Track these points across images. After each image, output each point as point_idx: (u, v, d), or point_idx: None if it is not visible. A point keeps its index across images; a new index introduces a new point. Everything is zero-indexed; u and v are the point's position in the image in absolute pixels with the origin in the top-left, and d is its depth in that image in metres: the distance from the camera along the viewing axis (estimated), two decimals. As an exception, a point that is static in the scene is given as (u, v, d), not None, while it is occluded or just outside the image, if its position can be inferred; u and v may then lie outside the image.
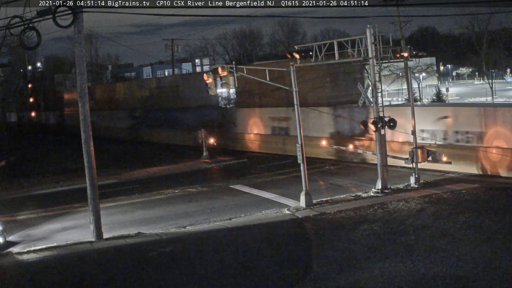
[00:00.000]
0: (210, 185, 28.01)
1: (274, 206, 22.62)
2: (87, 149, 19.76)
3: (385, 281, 13.64)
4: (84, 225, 21.04)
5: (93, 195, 19.81)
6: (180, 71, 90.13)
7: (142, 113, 52.63)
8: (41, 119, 78.89)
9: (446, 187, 23.11)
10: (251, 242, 18.12)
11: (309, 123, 31.41)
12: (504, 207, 19.17)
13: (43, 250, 18.69)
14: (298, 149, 22.39)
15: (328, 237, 17.72)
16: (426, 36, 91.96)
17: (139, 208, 24.40)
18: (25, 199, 27.87)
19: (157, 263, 16.66)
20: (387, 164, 23.90)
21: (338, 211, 20.74)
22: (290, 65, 22.85)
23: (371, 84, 23.23)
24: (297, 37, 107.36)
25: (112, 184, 30.07)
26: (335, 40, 24.37)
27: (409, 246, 16.05)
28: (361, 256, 15.56)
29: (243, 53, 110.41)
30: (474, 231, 16.85)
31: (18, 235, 21.01)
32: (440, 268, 14.11)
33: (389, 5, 51.96)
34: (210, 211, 22.66)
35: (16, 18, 18.52)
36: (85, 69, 19.93)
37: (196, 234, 19.44)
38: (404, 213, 19.57)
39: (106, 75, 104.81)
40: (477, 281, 13.25)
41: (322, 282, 14.05)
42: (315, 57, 24.31)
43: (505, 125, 24.12)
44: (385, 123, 23.31)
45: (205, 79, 24.72)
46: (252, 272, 15.26)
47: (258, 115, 38.28)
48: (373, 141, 26.11)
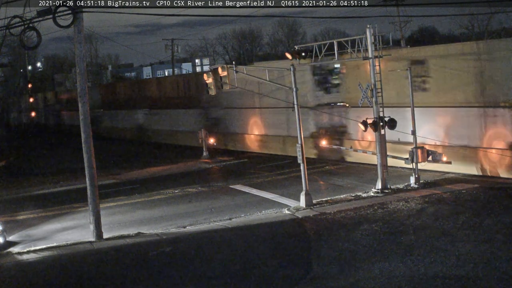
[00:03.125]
0: (210, 185, 28.01)
1: (274, 206, 22.62)
2: (87, 149, 19.76)
3: (385, 281, 13.64)
4: (84, 225, 21.04)
5: (93, 195, 19.81)
6: (180, 71, 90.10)
7: (151, 112, 51.13)
8: (41, 119, 78.89)
9: (446, 187, 23.11)
10: (251, 242, 18.12)
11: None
12: (504, 207, 19.18)
13: (43, 250, 18.70)
14: (298, 149, 22.38)
15: (328, 237, 17.73)
16: (426, 36, 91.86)
17: (139, 208, 24.40)
18: (25, 199, 27.86)
19: (157, 263, 16.67)
20: (387, 164, 23.93)
21: (338, 211, 20.74)
22: (290, 65, 22.87)
23: (371, 84, 23.21)
24: (297, 37, 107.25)
25: (112, 184, 30.07)
26: (335, 40, 24.38)
27: (409, 246, 16.05)
28: (361, 256, 15.57)
29: (243, 53, 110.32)
30: (474, 231, 16.86)
31: (18, 235, 21.01)
32: (440, 268, 14.12)
33: (389, 5, 52.05)
34: (210, 211, 22.66)
35: (16, 18, 18.54)
36: (85, 69, 19.94)
37: (196, 234, 19.44)
38: (404, 213, 19.57)
39: (106, 75, 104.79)
40: (477, 281, 13.25)
41: (322, 282, 14.06)
42: (315, 57, 24.31)
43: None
44: (385, 123, 23.30)
45: (205, 79, 24.72)
46: (252, 272, 15.26)
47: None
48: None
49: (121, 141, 52.61)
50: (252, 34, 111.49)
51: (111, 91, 61.23)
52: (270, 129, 36.68)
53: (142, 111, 52.07)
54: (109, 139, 53.09)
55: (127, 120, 55.37)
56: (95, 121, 59.37)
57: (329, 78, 31.96)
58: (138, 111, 52.78)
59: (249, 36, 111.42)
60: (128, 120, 55.11)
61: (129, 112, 54.47)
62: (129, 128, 54.85)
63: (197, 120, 43.18)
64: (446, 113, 25.93)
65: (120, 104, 56.46)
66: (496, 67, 24.06)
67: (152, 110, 50.45)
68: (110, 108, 58.54)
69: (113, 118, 58.27)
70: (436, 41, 77.20)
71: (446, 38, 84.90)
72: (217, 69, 23.70)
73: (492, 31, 73.02)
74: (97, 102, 59.11)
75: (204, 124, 40.98)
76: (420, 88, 26.42)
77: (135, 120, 53.53)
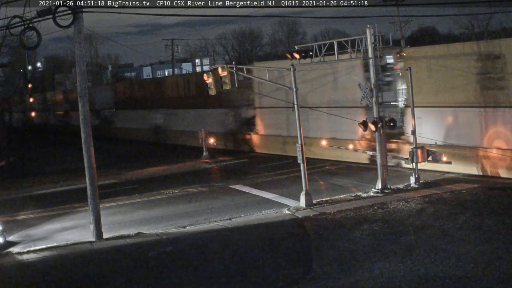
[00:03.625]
0: (210, 185, 28.01)
1: (274, 206, 22.62)
2: (87, 149, 19.76)
3: (385, 281, 13.64)
4: (84, 225, 21.04)
5: (93, 195, 19.81)
6: (180, 71, 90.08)
7: (169, 112, 48.21)
8: (41, 119, 78.89)
9: (446, 187, 23.10)
10: (251, 242, 18.12)
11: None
12: (504, 207, 19.17)
13: (43, 250, 18.70)
14: (298, 149, 22.38)
15: (328, 237, 17.73)
16: (426, 36, 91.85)
17: (139, 208, 24.40)
18: (25, 199, 27.87)
19: (157, 263, 16.67)
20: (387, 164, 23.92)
21: (338, 211, 20.74)
22: (290, 65, 22.86)
23: (371, 84, 23.21)
24: (297, 37, 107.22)
25: (112, 184, 30.07)
26: (335, 40, 24.38)
27: (409, 246, 16.05)
28: (361, 256, 15.57)
29: (243, 53, 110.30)
30: (474, 231, 16.86)
31: (18, 235, 21.01)
32: (440, 268, 14.11)
33: (389, 5, 52.09)
34: (210, 211, 22.66)
35: (16, 18, 18.53)
36: (85, 69, 19.94)
37: (196, 234, 19.43)
38: (404, 213, 19.57)
39: (106, 75, 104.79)
40: (477, 281, 13.26)
41: (322, 282, 14.06)
42: (315, 57, 24.30)
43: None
44: (385, 123, 23.30)
45: (205, 79, 24.74)
46: (252, 272, 15.26)
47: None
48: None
49: (138, 143, 50.28)
50: (252, 34, 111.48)
51: (125, 90, 58.32)
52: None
53: (160, 111, 49.40)
54: (122, 140, 51.63)
55: (143, 121, 52.47)
56: (108, 121, 58.53)
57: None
58: (155, 111, 50.05)
59: (249, 36, 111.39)
60: (144, 121, 52.25)
61: (145, 112, 51.67)
62: (145, 128, 52.09)
63: (223, 120, 41.11)
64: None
65: (136, 103, 53.50)
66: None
67: (170, 110, 47.76)
68: (124, 107, 55.76)
69: (128, 118, 55.31)
70: (436, 41, 77.23)
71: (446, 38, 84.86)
72: (217, 69, 23.75)
73: (492, 31, 73.00)
74: (109, 102, 57.14)
75: (233, 125, 39.44)
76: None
77: (151, 120, 50.80)
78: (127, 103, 55.34)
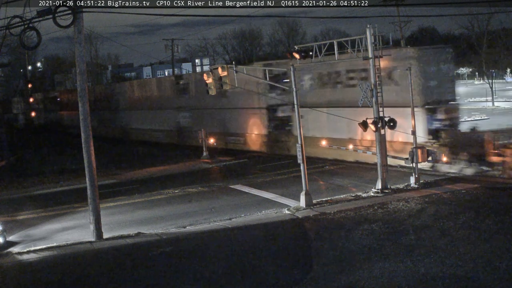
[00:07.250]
0: (210, 185, 28.01)
1: (274, 206, 22.62)
2: (87, 149, 19.76)
3: (385, 281, 13.64)
4: (84, 225, 21.03)
5: (93, 195, 19.81)
6: (180, 71, 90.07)
7: (194, 113, 45.43)
8: (41, 119, 78.84)
9: (446, 187, 23.11)
10: (251, 242, 18.12)
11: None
12: (504, 207, 19.18)
13: (43, 250, 18.69)
14: (298, 149, 22.38)
15: (328, 237, 17.72)
16: (426, 36, 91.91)
17: (139, 208, 24.40)
18: (25, 199, 27.86)
19: (157, 263, 16.67)
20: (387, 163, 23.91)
21: (338, 211, 20.74)
22: (290, 65, 22.86)
23: (371, 84, 23.20)
24: (297, 37, 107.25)
25: (112, 184, 30.07)
26: (335, 40, 24.39)
27: (409, 246, 16.06)
28: (361, 256, 15.56)
29: (243, 53, 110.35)
30: (474, 231, 16.86)
31: (18, 235, 21.01)
32: (440, 268, 14.11)
33: (389, 5, 52.04)
34: (210, 211, 22.66)
35: (16, 18, 18.53)
36: (85, 69, 19.93)
37: (196, 234, 19.43)
38: (404, 213, 19.57)
39: (106, 75, 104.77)
40: (477, 281, 13.26)
41: (322, 282, 14.06)
42: (315, 57, 24.29)
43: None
44: (385, 123, 23.29)
45: (205, 79, 24.73)
46: (252, 271, 15.26)
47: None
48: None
49: (159, 145, 47.80)
50: (252, 34, 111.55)
51: (142, 89, 54.78)
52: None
53: (183, 111, 46.69)
54: (139, 142, 50.05)
55: (161, 121, 49.98)
56: (121, 121, 56.91)
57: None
58: (177, 111, 47.23)
59: (249, 36, 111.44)
60: (163, 121, 49.69)
61: (166, 112, 48.89)
62: (164, 130, 49.58)
63: (255, 122, 38.69)
64: None
65: (154, 103, 51.04)
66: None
67: (195, 110, 45.25)
68: (141, 108, 53.22)
69: (145, 119, 52.93)
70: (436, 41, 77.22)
71: (446, 38, 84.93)
72: (217, 69, 23.71)
73: (492, 31, 73.01)
74: (125, 102, 55.64)
75: (268, 126, 37.34)
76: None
77: (171, 121, 48.37)
78: (145, 103, 52.77)
